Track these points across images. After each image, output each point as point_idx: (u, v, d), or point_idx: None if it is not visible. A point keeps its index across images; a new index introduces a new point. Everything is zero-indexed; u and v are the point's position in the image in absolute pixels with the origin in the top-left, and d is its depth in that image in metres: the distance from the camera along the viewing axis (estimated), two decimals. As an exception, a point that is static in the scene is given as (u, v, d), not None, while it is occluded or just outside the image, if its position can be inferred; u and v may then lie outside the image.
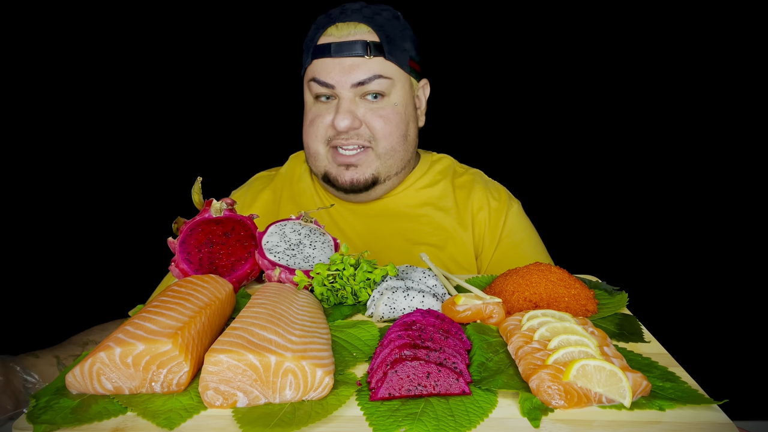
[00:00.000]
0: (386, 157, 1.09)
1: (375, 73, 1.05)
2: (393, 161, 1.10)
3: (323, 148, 1.10)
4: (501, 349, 0.62)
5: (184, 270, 0.82)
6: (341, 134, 1.06)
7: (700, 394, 0.52)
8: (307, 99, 1.12)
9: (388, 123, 1.07)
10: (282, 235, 0.87)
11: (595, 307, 0.73)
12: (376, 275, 0.76)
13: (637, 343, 0.65)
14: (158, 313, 0.58)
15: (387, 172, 1.11)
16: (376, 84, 1.05)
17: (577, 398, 0.50)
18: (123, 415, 0.50)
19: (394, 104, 1.08)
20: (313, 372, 0.51)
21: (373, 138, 1.07)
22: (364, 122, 1.06)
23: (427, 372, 0.52)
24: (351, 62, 1.04)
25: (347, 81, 1.04)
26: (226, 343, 0.51)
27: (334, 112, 1.06)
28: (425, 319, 0.62)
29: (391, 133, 1.07)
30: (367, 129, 1.07)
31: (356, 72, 1.04)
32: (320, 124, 1.08)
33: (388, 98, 1.07)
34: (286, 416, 0.49)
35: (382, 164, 1.09)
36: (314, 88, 1.07)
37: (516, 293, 0.72)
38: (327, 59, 1.05)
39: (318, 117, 1.08)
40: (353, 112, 1.05)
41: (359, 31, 1.05)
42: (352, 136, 1.06)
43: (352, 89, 1.05)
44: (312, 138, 1.10)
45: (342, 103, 1.05)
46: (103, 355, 0.51)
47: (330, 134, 1.08)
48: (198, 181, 0.86)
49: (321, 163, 1.11)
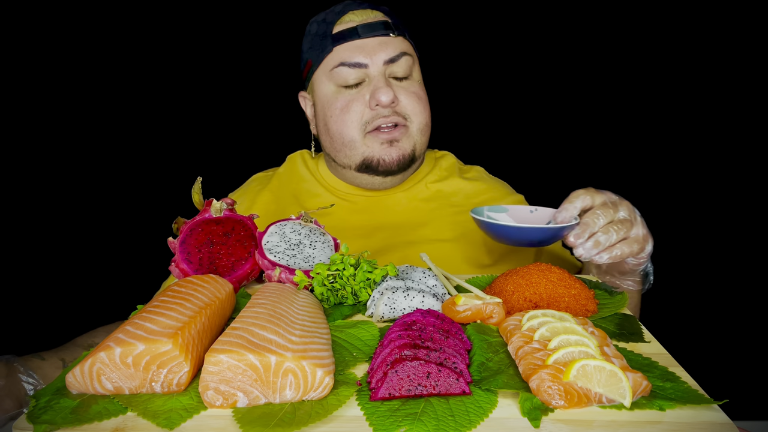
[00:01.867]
0: (420, 134, 1.10)
1: (402, 50, 1.07)
2: (425, 138, 1.12)
3: (360, 135, 1.07)
4: (501, 349, 0.62)
5: (184, 270, 0.82)
6: (381, 112, 1.05)
7: (700, 394, 0.52)
8: (327, 90, 1.09)
9: (420, 100, 1.09)
10: (282, 235, 0.87)
11: (595, 307, 0.73)
12: (376, 275, 0.76)
13: (637, 343, 0.65)
14: (158, 313, 0.58)
15: (421, 149, 1.12)
16: (403, 61, 1.07)
17: (577, 398, 0.50)
18: (123, 415, 0.50)
19: (419, 81, 1.11)
20: (313, 372, 0.51)
21: (408, 116, 1.08)
22: (399, 100, 1.07)
23: (427, 372, 0.52)
24: (379, 41, 1.05)
25: (380, 58, 1.05)
26: (226, 343, 0.51)
27: (371, 91, 1.05)
28: (425, 319, 0.62)
29: (423, 110, 1.09)
30: (402, 107, 1.07)
31: (386, 49, 1.05)
32: (355, 109, 1.06)
33: (413, 77, 1.10)
34: (286, 416, 0.49)
35: (418, 140, 1.10)
36: (342, 73, 1.06)
37: (516, 293, 0.72)
38: (354, 42, 1.05)
39: (351, 102, 1.07)
40: (391, 87, 1.05)
41: (376, 14, 1.09)
42: (390, 113, 1.06)
43: (384, 67, 1.05)
44: (347, 125, 1.07)
45: (379, 78, 1.05)
46: (103, 355, 0.51)
47: (368, 117, 1.06)
48: (198, 181, 0.86)
49: (358, 151, 1.08)
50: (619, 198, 0.85)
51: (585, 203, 0.81)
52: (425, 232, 1.13)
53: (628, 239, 0.81)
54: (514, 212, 0.95)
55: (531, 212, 0.94)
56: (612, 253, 0.79)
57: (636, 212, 0.84)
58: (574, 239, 0.78)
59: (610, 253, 0.79)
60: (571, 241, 0.79)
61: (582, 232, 0.78)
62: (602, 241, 0.78)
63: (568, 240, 0.80)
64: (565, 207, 0.81)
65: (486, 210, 0.95)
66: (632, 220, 0.82)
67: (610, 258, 0.79)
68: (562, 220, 0.81)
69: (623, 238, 0.80)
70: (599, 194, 0.83)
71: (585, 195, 0.82)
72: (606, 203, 0.81)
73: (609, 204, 0.81)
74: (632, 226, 0.81)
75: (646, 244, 0.83)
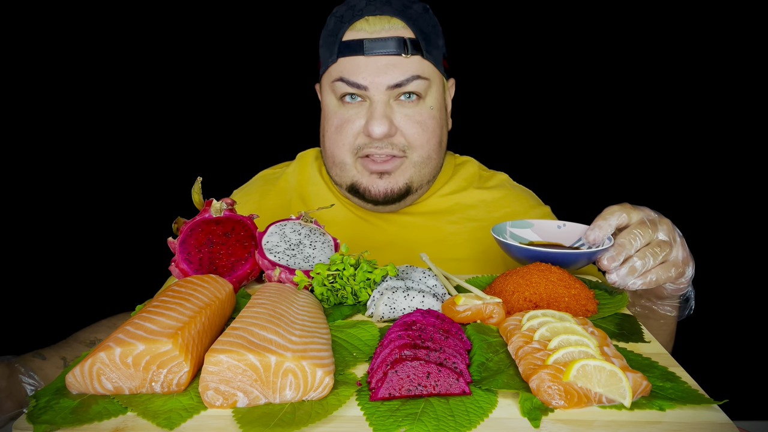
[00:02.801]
0: (421, 165, 1.00)
1: (413, 74, 0.95)
2: (428, 170, 1.02)
3: (351, 158, 1.00)
4: (501, 349, 0.62)
5: (184, 270, 0.82)
6: (374, 142, 0.97)
7: (700, 394, 0.52)
8: (329, 101, 1.01)
9: (425, 130, 0.98)
10: (282, 235, 0.87)
11: (595, 307, 0.73)
12: (376, 275, 0.76)
13: (637, 343, 0.65)
14: (158, 313, 0.58)
15: (420, 181, 1.02)
16: (413, 85, 0.95)
17: (577, 398, 0.50)
18: (123, 415, 0.50)
19: (430, 108, 0.99)
20: (313, 372, 0.51)
21: (408, 146, 0.98)
22: (399, 129, 0.97)
23: (427, 372, 0.52)
24: (386, 61, 0.93)
25: (382, 82, 0.93)
26: (226, 343, 0.51)
27: (367, 117, 0.96)
28: (425, 319, 0.62)
29: (428, 141, 0.99)
30: (402, 137, 0.97)
31: (392, 72, 0.93)
32: (349, 131, 0.98)
33: (424, 102, 0.98)
34: (286, 416, 0.49)
35: (416, 173, 1.00)
36: (341, 88, 0.97)
37: (516, 293, 0.72)
38: (358, 57, 0.94)
39: (346, 123, 0.98)
40: (389, 117, 0.95)
41: (393, 26, 0.94)
42: (386, 144, 0.96)
43: (387, 91, 0.94)
44: (339, 147, 0.99)
45: (376, 106, 0.95)
46: (103, 355, 0.51)
47: (360, 142, 0.98)
48: (198, 181, 0.86)
49: (348, 174, 1.02)
50: (658, 216, 0.77)
51: (621, 221, 0.74)
52: (440, 249, 1.05)
53: (666, 263, 0.74)
54: (540, 228, 0.88)
55: (558, 228, 0.86)
56: (646, 278, 0.72)
57: (677, 232, 0.76)
58: (608, 263, 0.71)
59: (645, 279, 0.72)
60: (605, 265, 0.72)
61: (617, 255, 0.71)
62: (638, 267, 0.71)
63: (602, 263, 0.72)
64: (598, 224, 0.74)
65: (509, 226, 0.87)
66: (672, 241, 0.74)
67: (644, 284, 0.72)
68: (594, 239, 0.74)
69: (661, 262, 0.73)
70: (636, 211, 0.75)
71: (621, 212, 0.75)
72: (644, 222, 0.74)
73: (647, 223, 0.74)
74: (672, 249, 0.74)
75: (686, 268, 0.76)
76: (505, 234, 0.86)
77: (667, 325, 0.89)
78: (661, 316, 0.87)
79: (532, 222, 0.89)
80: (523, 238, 0.89)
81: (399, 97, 0.97)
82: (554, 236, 0.86)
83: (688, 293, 0.83)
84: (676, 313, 0.86)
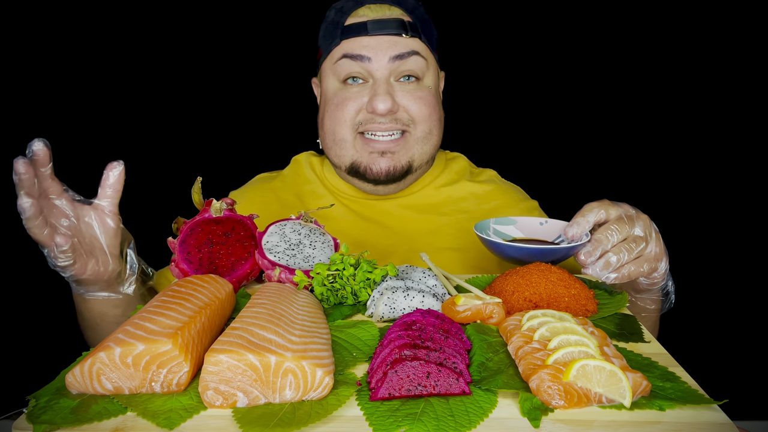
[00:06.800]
0: (424, 141, 1.04)
1: (413, 50, 1.00)
2: (429, 147, 1.06)
3: (351, 134, 1.02)
4: (501, 349, 0.62)
5: (184, 270, 0.82)
6: (376, 119, 1.00)
7: (700, 394, 0.52)
8: (330, 84, 1.05)
9: (426, 105, 1.02)
10: (282, 235, 0.87)
11: (595, 307, 0.73)
12: (376, 275, 0.76)
13: (637, 343, 0.65)
14: (158, 313, 0.58)
15: (421, 159, 1.06)
16: (413, 61, 1.00)
17: (577, 398, 0.50)
18: (123, 415, 0.50)
19: (429, 87, 1.04)
20: (313, 372, 0.51)
21: (412, 121, 1.02)
22: (402, 106, 1.01)
23: (427, 372, 0.52)
24: (389, 39, 0.99)
25: (385, 54, 0.98)
26: (226, 343, 0.51)
27: (370, 95, 0.99)
28: (425, 319, 0.62)
29: (429, 116, 1.03)
30: (405, 113, 1.01)
31: (394, 47, 0.99)
32: (350, 107, 1.01)
33: (422, 82, 1.03)
34: (286, 416, 0.49)
35: (419, 149, 1.04)
36: (344, 66, 1.01)
37: (516, 293, 0.72)
38: (362, 37, 1.00)
39: (347, 100, 1.01)
40: (391, 94, 0.99)
41: (393, 12, 1.02)
42: (389, 120, 1.00)
43: (389, 65, 0.99)
44: (339, 122, 1.02)
45: (379, 84, 0.99)
46: (102, 355, 0.51)
47: (361, 118, 1.01)
48: (198, 181, 0.86)
49: (347, 152, 1.04)
50: (636, 212, 0.79)
51: (599, 217, 0.77)
52: (432, 239, 1.08)
53: (639, 258, 0.76)
54: (523, 224, 0.90)
55: (541, 224, 0.89)
56: (620, 272, 0.75)
57: (653, 227, 0.79)
58: (585, 258, 0.74)
59: (619, 273, 0.75)
60: (582, 260, 0.75)
61: (594, 250, 0.74)
62: (613, 261, 0.74)
63: (579, 258, 0.76)
64: (576, 221, 0.77)
65: (492, 222, 0.90)
66: (647, 236, 0.77)
67: (618, 278, 0.75)
68: (573, 235, 0.77)
69: (636, 257, 0.76)
70: (614, 207, 0.78)
71: (599, 208, 0.77)
72: (621, 218, 0.76)
73: (624, 218, 0.76)
74: (647, 245, 0.76)
75: (658, 263, 0.78)
76: (489, 230, 0.89)
77: (649, 318, 0.92)
78: (641, 310, 0.91)
79: (515, 219, 0.92)
80: (506, 234, 0.92)
81: (399, 78, 1.01)
82: (537, 233, 0.89)
83: (666, 287, 0.86)
84: (656, 307, 0.90)
